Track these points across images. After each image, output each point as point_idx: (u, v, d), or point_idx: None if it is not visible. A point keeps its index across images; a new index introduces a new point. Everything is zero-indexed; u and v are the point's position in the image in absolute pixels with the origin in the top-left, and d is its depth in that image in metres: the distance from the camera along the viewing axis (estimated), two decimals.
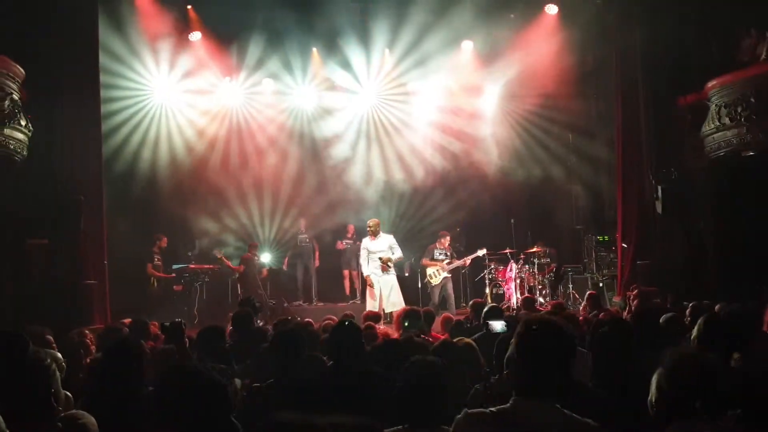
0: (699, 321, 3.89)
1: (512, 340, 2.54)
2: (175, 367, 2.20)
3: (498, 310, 6.43)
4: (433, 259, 12.64)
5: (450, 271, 12.56)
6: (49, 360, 2.58)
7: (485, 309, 6.43)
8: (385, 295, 11.42)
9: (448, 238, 12.89)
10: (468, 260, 12.94)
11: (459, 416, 2.46)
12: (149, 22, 12.86)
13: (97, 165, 10.97)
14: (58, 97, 10.32)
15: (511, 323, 4.56)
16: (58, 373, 2.58)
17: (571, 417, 2.38)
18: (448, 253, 12.71)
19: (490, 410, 2.42)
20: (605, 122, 13.72)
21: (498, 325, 4.95)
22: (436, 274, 12.44)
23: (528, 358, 2.45)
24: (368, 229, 11.78)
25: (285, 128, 14.97)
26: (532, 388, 2.42)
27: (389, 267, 11.50)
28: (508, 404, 2.42)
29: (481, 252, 12.84)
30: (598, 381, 3.67)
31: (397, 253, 11.64)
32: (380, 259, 11.41)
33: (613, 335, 3.60)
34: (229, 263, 13.23)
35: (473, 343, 4.65)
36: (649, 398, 2.55)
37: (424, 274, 12.87)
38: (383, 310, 11.13)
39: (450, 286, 12.53)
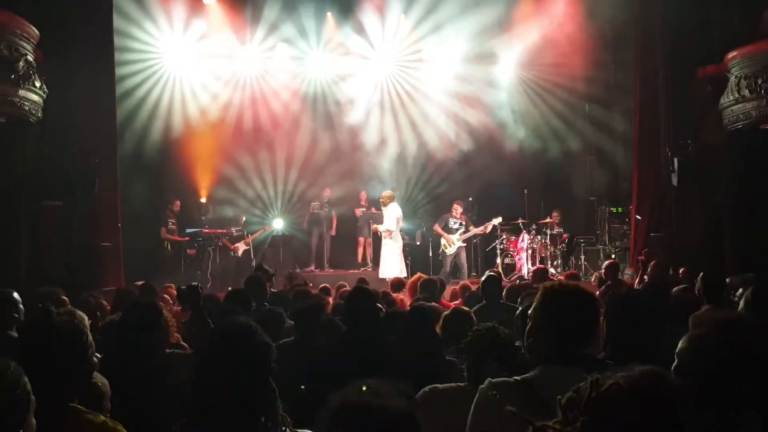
0: (747, 292, 3.83)
1: (534, 307, 2.50)
2: (230, 323, 2.17)
3: (496, 280, 6.39)
4: (446, 226, 12.71)
5: (465, 241, 12.61)
6: (79, 322, 2.60)
7: (483, 279, 6.42)
8: (381, 263, 12.03)
9: (461, 206, 12.89)
10: (489, 226, 12.91)
11: (482, 386, 2.40)
12: None
13: (112, 127, 11.00)
14: (73, 59, 10.27)
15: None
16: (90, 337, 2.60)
17: None
18: (463, 222, 12.72)
19: (515, 379, 2.37)
20: (623, 93, 13.55)
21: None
22: (448, 245, 12.56)
23: (554, 324, 2.40)
24: (380, 199, 12.24)
25: (299, 94, 14.90)
26: (558, 355, 2.38)
27: (381, 235, 12.10)
28: (534, 372, 2.38)
29: (497, 221, 12.83)
30: (609, 352, 3.65)
31: (384, 225, 12.05)
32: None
33: (627, 306, 3.58)
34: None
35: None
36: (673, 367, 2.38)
37: (435, 243, 12.95)
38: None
39: (464, 255, 12.63)
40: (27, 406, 1.98)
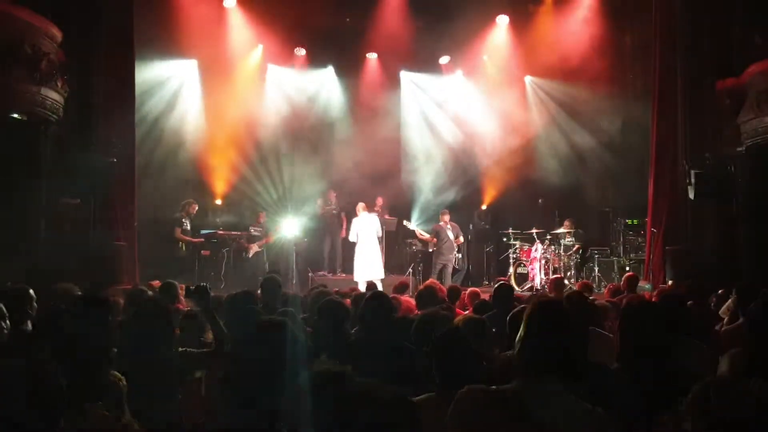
0: None
1: (523, 319, 2.51)
2: (266, 320, 2.26)
3: (508, 289, 6.38)
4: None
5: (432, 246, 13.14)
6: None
7: (494, 287, 6.42)
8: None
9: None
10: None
11: (461, 390, 2.41)
12: None
13: (130, 128, 11.10)
14: (94, 59, 10.42)
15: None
16: None
17: (576, 401, 2.33)
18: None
19: (493, 388, 2.38)
20: (641, 104, 13.50)
21: None
22: None
23: (536, 337, 2.42)
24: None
25: (315, 99, 14.97)
26: (538, 368, 2.38)
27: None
28: (513, 384, 2.38)
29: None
30: (623, 364, 3.64)
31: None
32: None
33: (642, 318, 3.57)
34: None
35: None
36: None
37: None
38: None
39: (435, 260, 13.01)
40: (62, 407, 1.99)
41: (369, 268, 12.35)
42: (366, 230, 12.61)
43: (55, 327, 2.65)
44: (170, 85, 13.74)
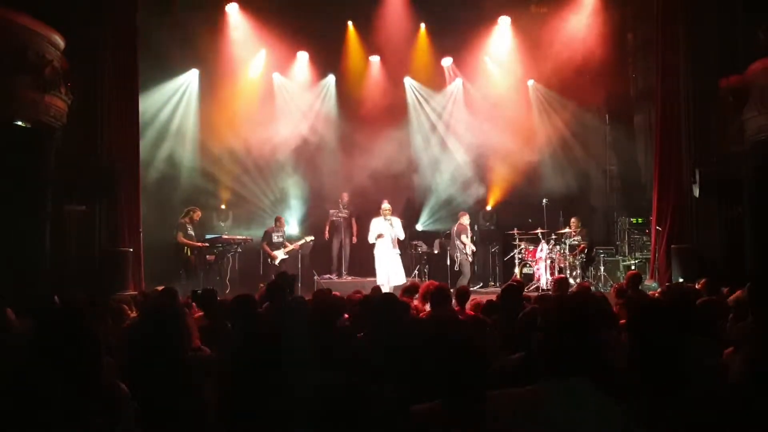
0: None
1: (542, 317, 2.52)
2: (270, 324, 2.30)
3: (516, 290, 6.36)
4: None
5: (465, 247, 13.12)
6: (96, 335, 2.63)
7: (502, 288, 6.41)
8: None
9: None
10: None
11: (489, 394, 2.43)
12: None
13: (135, 134, 11.13)
14: (97, 66, 10.44)
15: None
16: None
17: (600, 396, 2.31)
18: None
19: (521, 389, 2.38)
20: (644, 103, 13.49)
21: None
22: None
23: (558, 334, 2.40)
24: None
25: (318, 103, 15.00)
26: (562, 366, 2.36)
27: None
28: (538, 384, 2.38)
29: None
30: (631, 364, 3.62)
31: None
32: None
33: (652, 318, 3.55)
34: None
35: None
36: None
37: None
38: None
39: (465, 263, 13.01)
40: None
41: (387, 272, 12.21)
42: (388, 233, 12.44)
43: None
44: (174, 92, 13.78)
